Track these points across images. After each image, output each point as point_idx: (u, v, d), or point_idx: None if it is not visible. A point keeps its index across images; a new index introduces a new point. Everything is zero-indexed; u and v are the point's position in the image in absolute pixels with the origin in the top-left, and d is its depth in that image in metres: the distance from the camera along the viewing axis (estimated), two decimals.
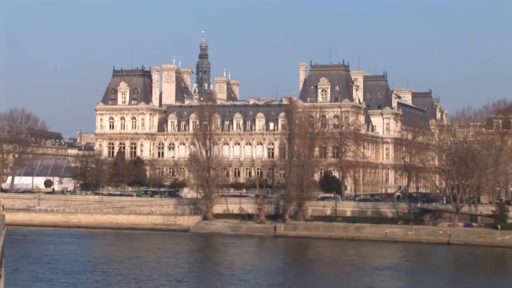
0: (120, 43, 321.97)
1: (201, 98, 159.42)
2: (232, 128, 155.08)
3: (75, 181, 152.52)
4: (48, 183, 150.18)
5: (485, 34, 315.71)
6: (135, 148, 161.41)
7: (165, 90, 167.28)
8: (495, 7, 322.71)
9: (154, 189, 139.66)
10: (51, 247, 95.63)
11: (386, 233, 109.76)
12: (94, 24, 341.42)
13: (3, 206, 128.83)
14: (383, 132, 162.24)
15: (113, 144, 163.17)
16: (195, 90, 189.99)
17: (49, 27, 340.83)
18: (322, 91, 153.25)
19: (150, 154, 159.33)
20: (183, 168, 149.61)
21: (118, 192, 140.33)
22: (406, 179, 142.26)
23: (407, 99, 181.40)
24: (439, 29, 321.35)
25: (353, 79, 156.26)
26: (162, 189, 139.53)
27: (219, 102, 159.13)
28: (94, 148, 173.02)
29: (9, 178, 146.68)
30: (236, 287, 64.94)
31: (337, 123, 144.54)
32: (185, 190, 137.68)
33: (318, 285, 68.87)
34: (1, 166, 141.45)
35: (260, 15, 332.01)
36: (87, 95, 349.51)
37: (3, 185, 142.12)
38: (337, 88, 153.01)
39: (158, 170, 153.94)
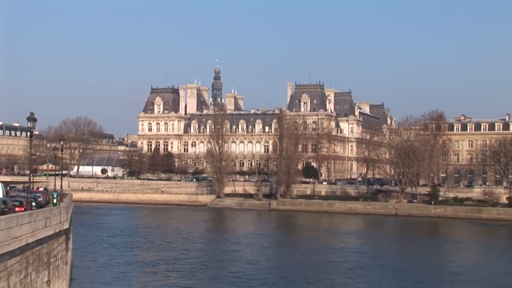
0: (155, 68, 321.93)
1: (215, 109, 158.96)
2: (238, 131, 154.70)
3: (123, 169, 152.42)
4: (103, 171, 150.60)
5: (422, 60, 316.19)
6: (167, 145, 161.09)
7: (189, 103, 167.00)
8: (430, 40, 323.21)
9: (196, 176, 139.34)
10: (104, 217, 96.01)
11: (351, 207, 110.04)
12: (136, 54, 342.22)
13: (83, 188, 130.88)
14: (348, 134, 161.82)
15: (151, 142, 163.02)
16: (211, 103, 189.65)
17: (106, 57, 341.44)
18: (304, 103, 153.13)
19: (178, 150, 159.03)
20: (202, 160, 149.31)
21: (154, 177, 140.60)
22: (365, 168, 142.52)
23: (366, 109, 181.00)
24: (389, 57, 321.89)
25: (326, 94, 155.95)
26: (200, 176, 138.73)
27: (228, 111, 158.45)
28: (137, 145, 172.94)
29: (76, 167, 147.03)
30: (239, 247, 64.92)
31: (314, 127, 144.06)
32: (204, 175, 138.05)
33: (300, 244, 68.99)
34: (70, 159, 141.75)
35: (259, 48, 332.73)
36: (132, 106, 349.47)
37: (71, 172, 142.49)
38: (315, 102, 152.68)
39: (183, 161, 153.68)
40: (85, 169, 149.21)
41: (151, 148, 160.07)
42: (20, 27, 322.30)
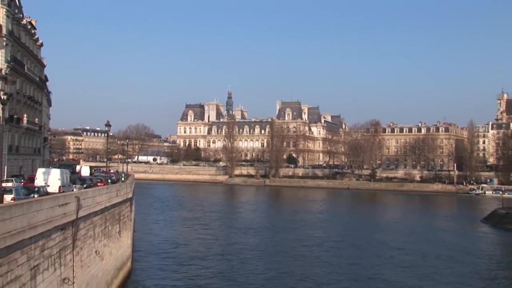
0: (189, 90, 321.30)
1: (228, 118, 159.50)
2: (243, 133, 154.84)
3: (167, 158, 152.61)
4: (154, 159, 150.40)
5: (365, 86, 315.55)
6: (196, 142, 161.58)
7: (211, 114, 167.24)
8: (371, 71, 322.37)
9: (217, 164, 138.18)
10: (154, 190, 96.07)
11: (318, 184, 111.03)
12: (176, 81, 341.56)
13: (141, 170, 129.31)
14: (317, 135, 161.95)
15: (185, 140, 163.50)
16: (225, 114, 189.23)
17: (156, 84, 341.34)
18: (287, 115, 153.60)
19: (203, 145, 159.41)
20: (220, 152, 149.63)
21: (188, 164, 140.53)
22: (328, 157, 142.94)
23: (328, 118, 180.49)
24: (344, 83, 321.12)
25: (302, 108, 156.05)
26: (217, 164, 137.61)
27: (237, 120, 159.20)
28: (176, 142, 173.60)
29: (136, 157, 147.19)
30: (243, 209, 65.58)
31: (294, 130, 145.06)
32: (221, 163, 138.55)
33: (283, 208, 69.65)
34: (132, 151, 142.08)
35: (258, 77, 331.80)
36: (173, 116, 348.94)
37: (133, 160, 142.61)
38: (295, 113, 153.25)
39: (207, 153, 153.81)
40: (142, 158, 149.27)
41: (185, 144, 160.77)
42: (98, 68, 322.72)
